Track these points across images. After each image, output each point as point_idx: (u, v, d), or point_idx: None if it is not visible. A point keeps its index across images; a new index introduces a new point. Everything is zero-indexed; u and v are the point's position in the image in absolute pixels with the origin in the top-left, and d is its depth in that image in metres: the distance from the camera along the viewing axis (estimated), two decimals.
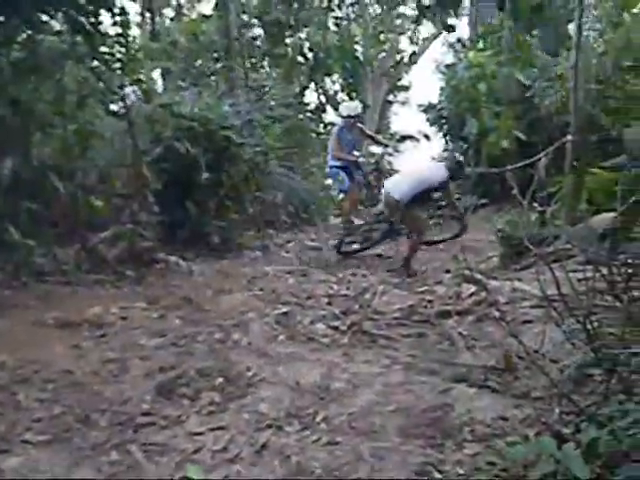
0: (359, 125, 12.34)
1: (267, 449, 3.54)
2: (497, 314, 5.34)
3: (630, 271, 4.10)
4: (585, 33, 9.13)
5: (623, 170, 5.42)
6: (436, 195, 9.00)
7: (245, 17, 17.76)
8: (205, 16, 18.22)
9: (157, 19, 18.96)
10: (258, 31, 19.52)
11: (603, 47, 11.91)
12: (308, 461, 3.39)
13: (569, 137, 8.41)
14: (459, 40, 22.34)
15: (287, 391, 4.33)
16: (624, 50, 11.56)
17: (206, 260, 8.82)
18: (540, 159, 9.46)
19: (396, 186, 8.68)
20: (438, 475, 3.18)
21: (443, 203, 9.39)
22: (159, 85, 15.49)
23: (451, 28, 19.87)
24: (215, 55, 16.46)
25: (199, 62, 17.55)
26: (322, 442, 3.61)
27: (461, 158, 9.13)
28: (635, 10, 11.78)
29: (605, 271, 3.91)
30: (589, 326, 3.48)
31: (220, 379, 4.54)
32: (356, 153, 12.24)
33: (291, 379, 4.52)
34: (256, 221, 11.08)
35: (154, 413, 4.02)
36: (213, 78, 16.21)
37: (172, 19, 20.69)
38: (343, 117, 11.96)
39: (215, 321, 5.92)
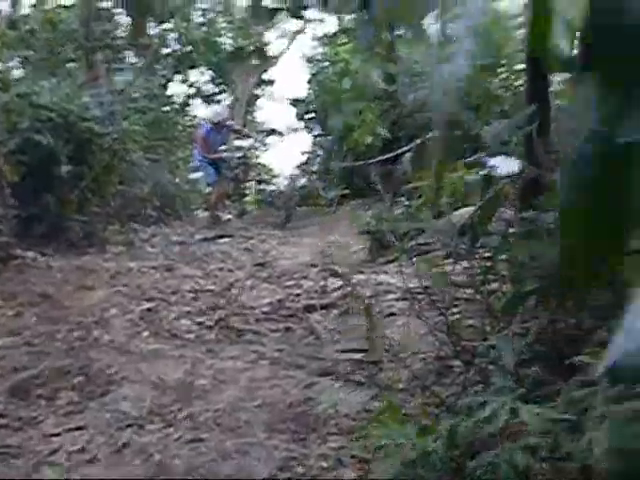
0: (227, 124, 12.50)
1: (128, 448, 3.46)
2: (362, 307, 5.41)
3: (488, 264, 4.22)
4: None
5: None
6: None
7: (107, 4, 17.22)
8: (65, 6, 17.56)
9: (16, 7, 18.16)
10: (122, 20, 18.98)
11: None
12: (170, 459, 3.33)
13: (432, 133, 8.60)
14: (325, 35, 22.46)
15: (149, 389, 4.25)
16: (483, 50, 11.95)
17: (66, 255, 8.50)
18: (404, 154, 9.63)
19: None
20: (301, 469, 3.18)
21: None
22: (17, 74, 14.83)
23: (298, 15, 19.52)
24: (75, 44, 15.88)
25: (59, 51, 16.89)
26: (185, 439, 3.55)
27: None
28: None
29: (465, 264, 4.02)
30: (449, 318, 3.57)
31: (79, 378, 4.41)
32: (222, 147, 12.29)
33: (154, 376, 4.44)
34: (120, 215, 10.79)
35: (7, 415, 3.87)
36: (73, 68, 15.61)
37: (34, 6, 19.85)
38: (213, 123, 12.05)
39: (75, 318, 5.71)
